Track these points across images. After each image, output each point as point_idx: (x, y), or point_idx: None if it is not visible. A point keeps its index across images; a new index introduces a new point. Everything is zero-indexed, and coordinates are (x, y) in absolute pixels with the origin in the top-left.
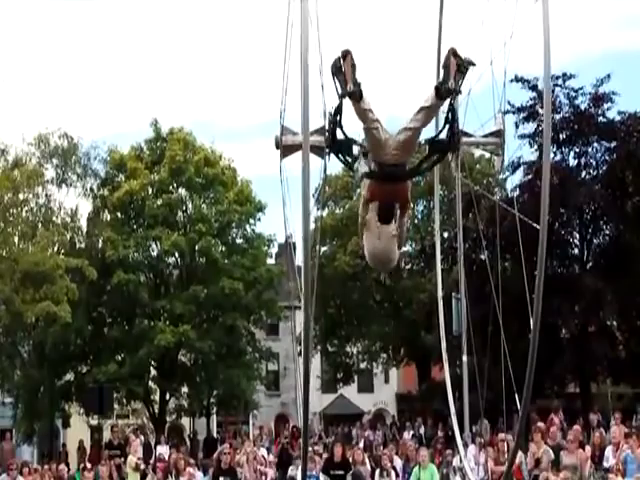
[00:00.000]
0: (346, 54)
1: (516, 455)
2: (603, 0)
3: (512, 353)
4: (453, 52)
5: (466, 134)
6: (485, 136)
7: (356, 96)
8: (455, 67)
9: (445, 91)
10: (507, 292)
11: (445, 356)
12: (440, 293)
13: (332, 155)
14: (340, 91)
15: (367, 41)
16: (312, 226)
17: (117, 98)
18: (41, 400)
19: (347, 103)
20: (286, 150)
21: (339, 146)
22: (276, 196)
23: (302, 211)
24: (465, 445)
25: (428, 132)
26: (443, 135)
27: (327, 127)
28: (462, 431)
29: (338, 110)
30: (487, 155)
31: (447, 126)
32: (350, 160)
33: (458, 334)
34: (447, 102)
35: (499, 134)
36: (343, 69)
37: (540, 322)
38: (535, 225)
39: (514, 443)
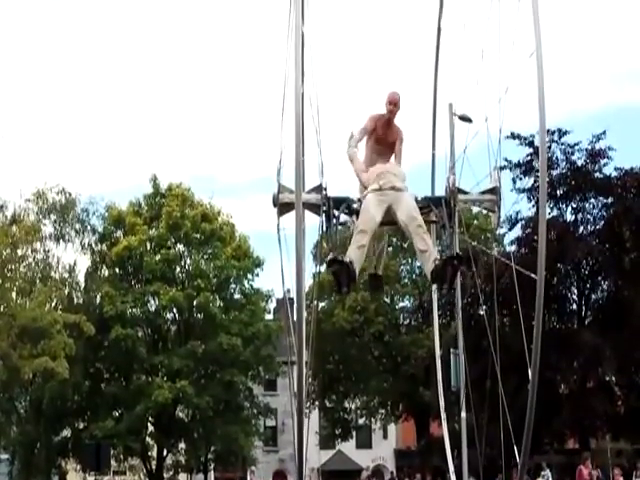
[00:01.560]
0: (342, 266)
1: None
2: (599, 57)
3: (510, 408)
4: (457, 256)
5: (462, 191)
6: (481, 193)
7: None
8: (452, 272)
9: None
10: (505, 348)
11: (443, 414)
12: (438, 351)
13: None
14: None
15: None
16: (310, 282)
17: (116, 154)
18: (38, 456)
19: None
20: (283, 208)
21: (335, 203)
22: (274, 251)
23: (295, 274)
24: None
25: (424, 190)
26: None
27: (323, 182)
28: None
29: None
30: (484, 211)
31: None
32: (346, 214)
33: (456, 389)
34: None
35: (495, 191)
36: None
37: (538, 377)
38: (533, 275)
39: None
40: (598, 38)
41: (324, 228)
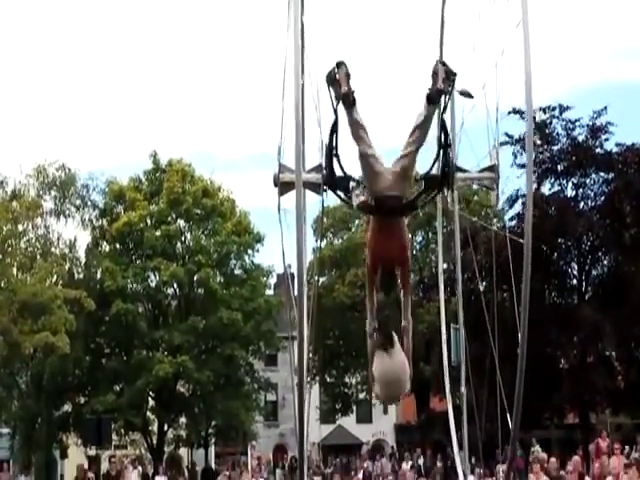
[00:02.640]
0: (340, 64)
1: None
2: (600, 33)
3: (510, 383)
4: (441, 62)
5: (460, 169)
6: (480, 171)
7: (349, 100)
8: (443, 74)
9: (435, 92)
10: (505, 322)
11: (448, 389)
12: (444, 324)
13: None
14: (334, 95)
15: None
16: (310, 257)
17: (116, 130)
18: (39, 431)
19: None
20: (284, 187)
21: (336, 182)
22: (274, 227)
23: (296, 257)
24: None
25: (422, 168)
26: (437, 171)
27: (324, 164)
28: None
29: (334, 128)
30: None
31: (441, 163)
32: (346, 196)
33: (456, 365)
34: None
35: (494, 169)
36: (337, 77)
37: (538, 352)
38: (521, 240)
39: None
40: (598, 13)
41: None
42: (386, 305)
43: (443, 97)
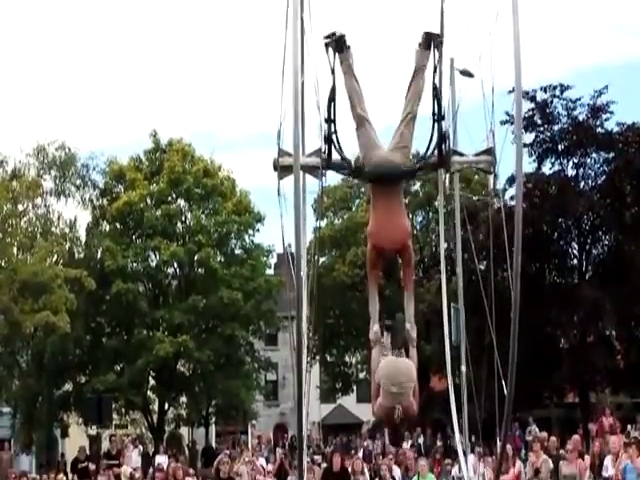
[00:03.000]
0: (334, 31)
1: (502, 459)
2: (600, 11)
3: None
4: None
5: (457, 153)
6: (477, 155)
7: (343, 41)
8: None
9: (427, 36)
10: (504, 302)
11: (449, 368)
12: (445, 304)
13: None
14: (328, 44)
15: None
16: (310, 236)
17: (116, 109)
18: (39, 410)
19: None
20: (284, 171)
21: (335, 164)
22: (275, 206)
23: (294, 242)
24: (465, 454)
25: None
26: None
27: (323, 145)
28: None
29: (332, 96)
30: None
31: (436, 140)
32: (346, 171)
33: (457, 344)
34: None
35: (491, 152)
36: (335, 33)
37: (538, 332)
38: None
39: (499, 449)
40: None
41: (323, 184)
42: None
43: (433, 53)
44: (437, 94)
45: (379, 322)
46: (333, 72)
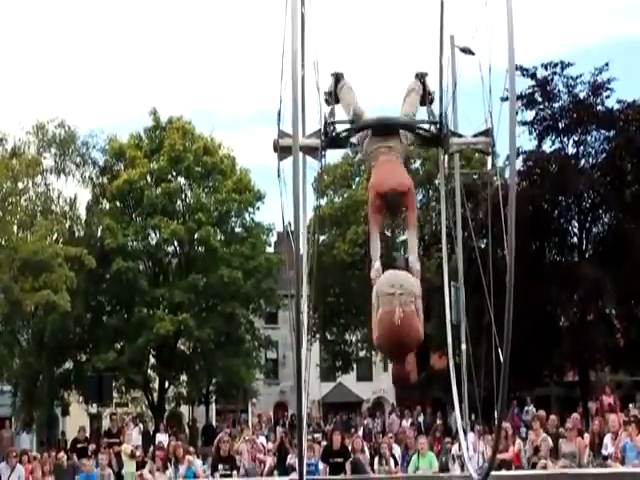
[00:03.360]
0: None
1: (499, 437)
2: None
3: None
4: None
5: (455, 134)
6: (475, 135)
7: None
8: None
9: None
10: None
11: (450, 346)
12: (447, 281)
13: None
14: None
15: (363, 39)
16: (310, 214)
17: (116, 87)
18: (40, 388)
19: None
20: (284, 152)
21: (335, 143)
22: (275, 184)
23: (293, 220)
24: (464, 433)
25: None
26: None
27: (322, 129)
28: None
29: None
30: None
31: (436, 128)
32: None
33: (457, 323)
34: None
35: (489, 133)
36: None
37: (538, 310)
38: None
39: (496, 427)
40: None
41: (323, 165)
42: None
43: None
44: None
45: (380, 259)
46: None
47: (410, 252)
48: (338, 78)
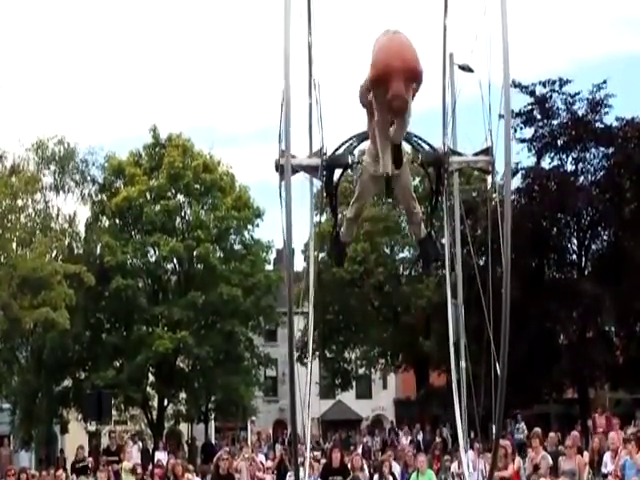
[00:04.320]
0: None
1: (496, 455)
2: (600, 5)
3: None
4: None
5: (456, 153)
6: (476, 154)
7: None
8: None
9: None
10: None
11: (453, 361)
12: (450, 298)
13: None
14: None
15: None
16: (312, 233)
17: (116, 104)
18: (39, 406)
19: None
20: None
21: (336, 164)
22: (274, 202)
23: (285, 244)
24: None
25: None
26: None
27: (324, 147)
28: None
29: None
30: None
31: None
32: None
33: (456, 340)
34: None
35: (489, 152)
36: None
37: (537, 327)
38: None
39: (493, 445)
40: None
41: (324, 186)
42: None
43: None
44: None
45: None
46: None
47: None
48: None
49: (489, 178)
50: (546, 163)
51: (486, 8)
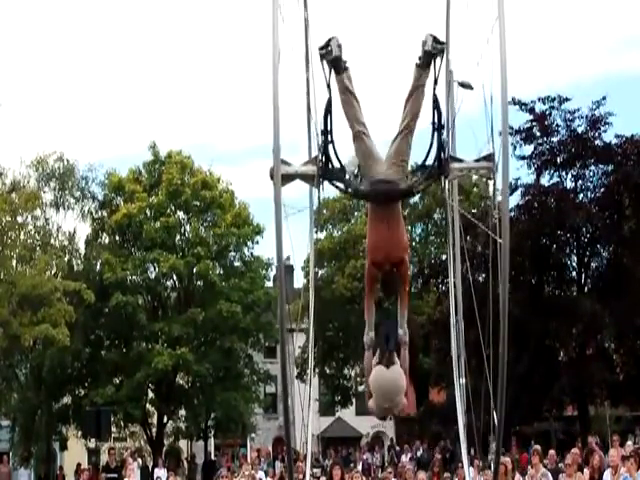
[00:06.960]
0: (333, 37)
1: (497, 472)
2: (600, 24)
3: (508, 376)
4: (430, 34)
5: (456, 159)
6: (477, 160)
7: (339, 64)
8: (432, 39)
9: (424, 54)
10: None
11: (457, 376)
12: (453, 315)
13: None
14: (326, 62)
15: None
16: (309, 249)
17: (115, 121)
18: (38, 423)
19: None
20: (281, 181)
21: (332, 173)
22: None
23: (276, 254)
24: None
25: (418, 156)
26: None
27: (320, 154)
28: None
29: (328, 107)
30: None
31: (436, 148)
32: (343, 186)
33: (456, 357)
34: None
35: (491, 158)
36: (330, 48)
37: (537, 344)
38: (499, 239)
39: (494, 462)
40: (599, 3)
41: (320, 198)
42: (386, 316)
43: (433, 65)
44: (437, 105)
45: (374, 330)
46: (329, 86)
47: (400, 321)
48: (338, 67)
49: (490, 185)
50: (546, 180)
51: (486, 26)
